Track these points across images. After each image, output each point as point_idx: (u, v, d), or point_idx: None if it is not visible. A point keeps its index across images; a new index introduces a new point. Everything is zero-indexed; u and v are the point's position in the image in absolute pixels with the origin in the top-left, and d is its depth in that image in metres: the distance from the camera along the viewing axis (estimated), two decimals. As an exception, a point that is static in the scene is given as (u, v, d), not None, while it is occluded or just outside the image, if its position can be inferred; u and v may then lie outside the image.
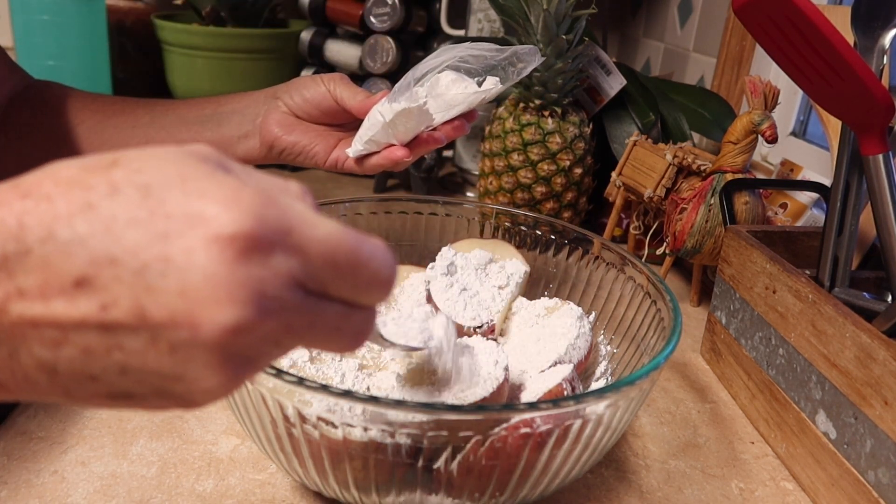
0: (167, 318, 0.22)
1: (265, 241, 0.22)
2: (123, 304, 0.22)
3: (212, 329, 0.22)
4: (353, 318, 0.26)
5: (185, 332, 0.22)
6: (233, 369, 0.23)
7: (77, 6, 1.01)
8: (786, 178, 0.87)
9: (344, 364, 0.49)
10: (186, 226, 0.22)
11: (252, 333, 0.23)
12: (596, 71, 0.93)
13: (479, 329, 0.57)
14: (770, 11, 0.49)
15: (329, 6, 1.16)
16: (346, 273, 0.25)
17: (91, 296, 0.22)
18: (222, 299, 0.22)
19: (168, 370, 0.23)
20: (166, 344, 0.22)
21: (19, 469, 0.48)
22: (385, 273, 0.26)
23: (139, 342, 0.22)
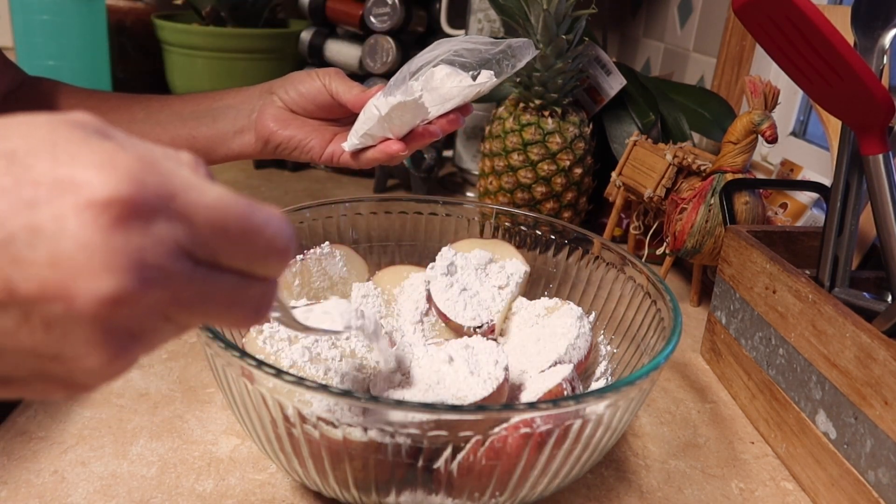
0: (37, 291, 0.20)
1: (144, 206, 0.21)
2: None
3: (87, 300, 0.20)
4: (250, 290, 0.25)
5: (58, 305, 0.20)
6: (116, 346, 0.22)
7: (77, 6, 1.01)
8: (786, 178, 0.87)
9: (344, 364, 0.49)
10: (56, 192, 0.20)
11: (134, 305, 0.21)
12: (596, 71, 0.93)
13: (479, 329, 0.57)
14: (770, 11, 0.49)
15: (329, 6, 1.16)
16: (238, 240, 0.24)
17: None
18: (98, 268, 0.20)
19: (44, 349, 0.21)
20: (39, 320, 0.21)
21: (19, 469, 0.48)
22: (281, 241, 0.25)
23: (9, 320, 0.21)
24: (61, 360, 0.22)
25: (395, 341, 0.57)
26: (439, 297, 0.58)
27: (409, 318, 0.59)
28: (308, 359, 0.48)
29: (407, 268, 0.64)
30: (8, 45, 1.08)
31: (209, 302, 0.24)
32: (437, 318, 0.59)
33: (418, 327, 0.59)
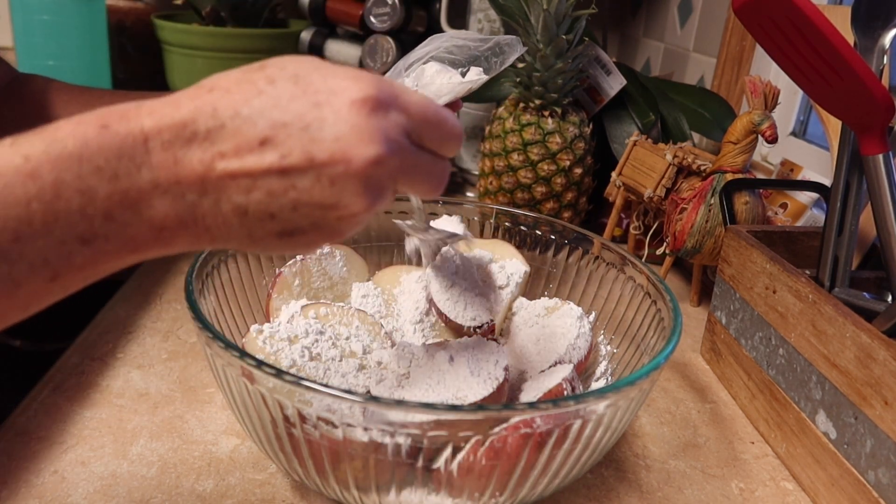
0: (328, 157, 0.30)
1: (384, 101, 0.31)
2: (296, 151, 0.30)
3: (359, 161, 0.30)
4: (438, 164, 0.35)
5: (341, 166, 0.30)
6: (371, 196, 0.31)
7: (77, 6, 1.01)
8: (786, 178, 0.87)
9: (344, 364, 0.49)
10: (331, 96, 0.30)
11: (384, 166, 0.31)
12: (596, 71, 0.93)
13: (479, 329, 0.57)
14: (770, 11, 0.49)
15: (329, 6, 1.16)
16: (434, 127, 0.34)
17: (273, 150, 0.29)
18: (365, 140, 0.30)
19: (327, 200, 0.30)
20: (327, 179, 0.30)
21: (19, 469, 0.48)
22: (457, 129, 0.35)
23: (308, 180, 0.30)
24: (335, 207, 0.31)
25: (395, 341, 0.57)
26: (439, 297, 0.58)
27: (409, 318, 0.59)
28: (308, 359, 0.48)
29: (406, 267, 0.64)
30: (8, 45, 1.08)
31: (418, 170, 0.33)
32: (437, 318, 0.59)
33: (418, 327, 0.59)
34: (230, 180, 0.30)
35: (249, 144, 0.29)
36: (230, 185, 0.30)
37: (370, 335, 0.53)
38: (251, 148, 0.29)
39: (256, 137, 0.29)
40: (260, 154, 0.29)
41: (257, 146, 0.29)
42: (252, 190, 0.30)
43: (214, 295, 0.52)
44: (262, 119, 0.30)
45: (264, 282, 0.60)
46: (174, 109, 0.30)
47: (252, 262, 0.58)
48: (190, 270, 0.48)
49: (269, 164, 0.29)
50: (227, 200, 0.30)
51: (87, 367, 0.60)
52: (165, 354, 0.63)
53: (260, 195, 0.30)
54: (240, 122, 0.29)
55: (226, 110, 0.30)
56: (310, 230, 0.32)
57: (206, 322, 0.42)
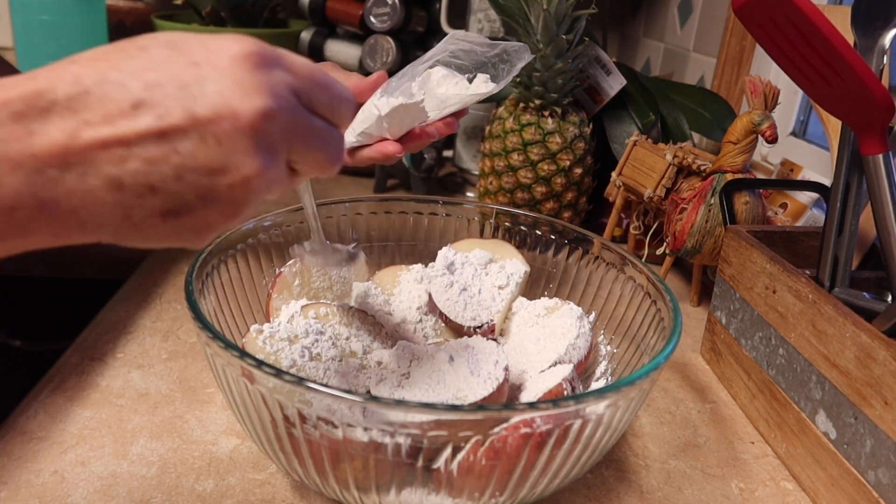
0: (212, 113, 0.27)
1: (268, 58, 0.29)
2: (175, 111, 0.27)
3: (247, 114, 0.28)
4: (332, 132, 0.33)
5: (227, 122, 0.27)
6: (263, 155, 0.29)
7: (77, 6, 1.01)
8: (786, 178, 0.87)
9: (344, 364, 0.49)
10: (209, 54, 0.28)
11: (274, 121, 0.29)
12: (596, 71, 0.93)
13: (479, 329, 0.57)
14: (770, 11, 0.49)
15: (329, 6, 1.16)
16: (322, 89, 0.32)
17: (148, 112, 0.27)
18: (251, 92, 0.28)
19: (215, 163, 0.28)
20: (213, 138, 0.27)
21: (19, 469, 0.48)
22: (346, 92, 0.33)
23: (191, 142, 0.27)
24: (224, 171, 0.28)
25: (395, 341, 0.57)
26: (439, 297, 0.58)
27: (409, 318, 0.59)
28: (308, 359, 0.48)
29: (407, 268, 0.64)
30: (8, 45, 1.08)
31: (312, 134, 0.31)
32: (437, 318, 0.59)
33: (418, 327, 0.59)
34: (100, 150, 0.26)
35: (121, 109, 0.26)
36: (100, 156, 0.26)
37: (370, 335, 0.53)
38: (123, 112, 0.26)
39: (128, 100, 0.26)
40: (133, 118, 0.26)
41: (129, 110, 0.26)
42: (127, 159, 0.27)
43: (214, 295, 0.52)
44: (133, 81, 0.27)
45: (264, 282, 0.60)
46: (28, 80, 0.27)
47: (252, 262, 0.59)
48: (190, 270, 0.48)
49: (145, 127, 0.26)
50: (97, 173, 0.27)
51: (87, 367, 0.60)
52: (165, 354, 0.63)
53: (137, 164, 0.27)
54: (108, 88, 0.27)
55: (90, 76, 0.27)
56: (199, 206, 0.28)
57: (206, 322, 0.42)
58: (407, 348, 0.49)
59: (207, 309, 0.49)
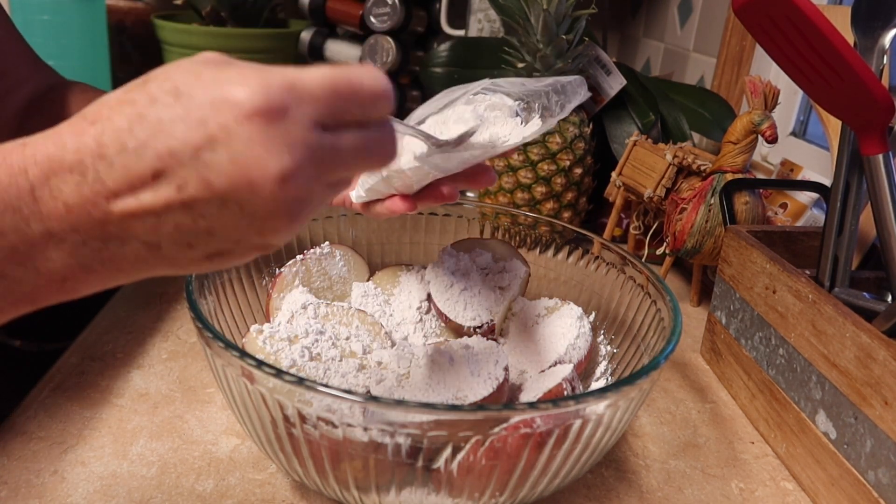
0: (227, 183, 0.27)
1: (278, 102, 0.27)
2: (192, 181, 0.27)
3: (265, 183, 0.27)
4: (372, 136, 0.31)
5: (244, 191, 0.27)
6: (291, 211, 0.28)
7: (77, 6, 1.01)
8: (786, 178, 0.87)
9: (344, 364, 0.49)
10: (216, 111, 0.27)
11: (296, 178, 0.27)
12: (596, 71, 0.93)
13: (479, 329, 0.57)
14: (770, 11, 0.49)
15: (329, 6, 1.16)
16: (350, 98, 0.29)
17: (168, 182, 0.27)
18: (264, 156, 0.27)
19: (243, 224, 0.28)
20: (235, 204, 0.27)
21: (19, 469, 0.48)
22: (378, 84, 0.30)
23: (214, 208, 0.27)
24: (254, 227, 0.28)
25: (395, 341, 0.57)
26: (439, 297, 0.58)
27: (409, 317, 0.59)
28: (308, 359, 0.48)
29: (407, 268, 0.64)
30: (8, 45, 1.08)
31: (345, 155, 0.30)
32: (437, 318, 0.59)
33: (418, 327, 0.59)
34: (132, 220, 0.28)
35: (142, 179, 0.27)
36: (134, 225, 0.28)
37: (370, 335, 0.53)
38: (145, 182, 0.27)
39: (148, 171, 0.27)
40: (155, 189, 0.27)
41: (150, 180, 0.27)
42: (159, 227, 0.28)
43: (214, 295, 0.52)
44: (148, 150, 0.27)
45: (264, 282, 0.60)
46: (58, 150, 0.27)
47: (252, 262, 0.59)
48: (190, 270, 0.48)
49: (166, 198, 0.27)
50: (135, 240, 0.28)
51: (87, 367, 0.60)
52: (165, 354, 0.63)
53: (169, 229, 0.28)
54: (126, 158, 0.27)
55: (111, 145, 0.27)
56: (236, 249, 0.30)
57: (206, 322, 0.42)
58: (407, 348, 0.49)
59: (207, 309, 0.49)
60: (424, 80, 1.01)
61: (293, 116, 0.28)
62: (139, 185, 0.27)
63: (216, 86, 0.27)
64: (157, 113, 0.27)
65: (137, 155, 0.27)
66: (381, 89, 0.30)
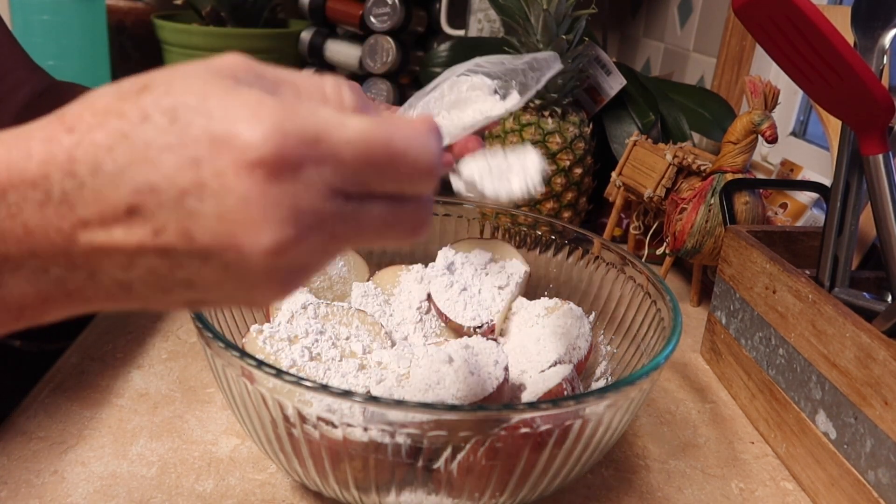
0: (212, 241, 0.23)
1: (292, 157, 0.22)
2: (171, 228, 0.23)
3: (254, 251, 0.23)
4: (403, 211, 0.26)
5: (231, 254, 0.23)
6: (282, 282, 0.24)
7: (77, 6, 1.01)
8: (786, 178, 0.87)
9: (344, 364, 0.49)
10: (214, 150, 0.22)
11: (294, 250, 0.23)
12: (596, 71, 0.93)
13: (479, 329, 0.57)
14: (770, 11, 0.49)
15: (329, 6, 1.16)
16: (386, 167, 0.25)
17: (143, 223, 0.23)
18: (259, 221, 0.22)
19: (227, 283, 0.24)
20: (219, 263, 0.23)
21: (19, 469, 0.48)
22: (424, 162, 0.25)
23: (195, 262, 0.23)
24: (240, 289, 0.24)
25: (395, 341, 0.57)
26: (439, 297, 0.58)
27: (409, 317, 0.59)
28: (308, 359, 0.48)
29: (406, 267, 0.64)
30: (8, 45, 1.08)
31: (364, 230, 0.25)
32: (437, 318, 0.59)
33: (418, 327, 0.59)
34: (101, 255, 0.23)
35: (115, 212, 0.23)
36: (103, 260, 0.24)
37: (370, 335, 0.53)
38: (117, 217, 0.23)
39: (122, 204, 0.23)
40: (128, 226, 0.23)
41: (124, 215, 0.23)
42: (130, 267, 0.24)
43: (214, 295, 0.52)
44: (126, 179, 0.22)
45: (264, 282, 0.60)
46: (23, 158, 0.23)
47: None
48: (190, 270, 0.48)
49: (139, 240, 0.23)
50: (105, 275, 0.24)
51: (87, 367, 0.60)
52: (165, 354, 0.63)
53: (141, 272, 0.24)
54: (101, 182, 0.23)
55: (85, 162, 0.23)
56: (221, 299, 0.26)
57: (206, 322, 0.42)
58: (407, 348, 0.49)
59: (207, 309, 0.49)
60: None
61: (307, 178, 0.23)
62: (110, 218, 0.23)
63: (222, 117, 0.23)
64: (146, 135, 0.23)
65: (113, 182, 0.22)
66: (426, 165, 0.25)
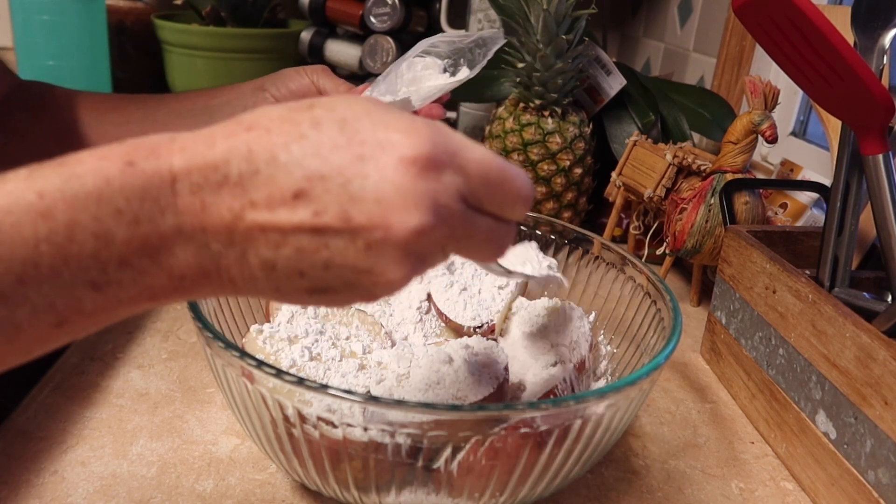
0: (366, 221, 0.27)
1: (438, 161, 0.28)
2: (332, 210, 0.27)
3: (401, 230, 0.27)
4: (499, 230, 0.31)
5: (379, 233, 0.27)
6: (411, 265, 0.28)
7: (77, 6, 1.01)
8: (786, 178, 0.87)
9: (344, 364, 0.49)
10: (378, 150, 0.27)
11: (430, 235, 0.28)
12: (596, 71, 0.93)
13: (479, 329, 0.57)
14: (770, 11, 0.49)
15: (329, 6, 1.16)
16: (497, 189, 0.30)
17: (307, 205, 0.27)
18: (410, 206, 0.27)
19: (362, 265, 0.28)
20: (363, 243, 0.27)
21: (19, 469, 0.48)
22: (525, 190, 0.31)
23: (342, 242, 0.27)
24: (371, 273, 0.28)
25: (395, 341, 0.57)
26: (439, 297, 0.58)
27: (409, 318, 0.59)
28: (308, 359, 0.48)
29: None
30: (8, 45, 1.08)
31: (472, 238, 0.30)
32: (437, 318, 0.59)
33: (418, 327, 0.59)
34: (259, 233, 0.27)
35: (283, 196, 0.27)
36: (259, 238, 0.27)
37: (370, 335, 0.53)
38: (284, 200, 0.27)
39: (291, 189, 0.27)
40: (292, 208, 0.27)
41: (291, 198, 0.27)
42: (281, 245, 0.27)
43: (214, 295, 0.52)
44: (298, 168, 0.27)
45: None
46: (207, 147, 0.27)
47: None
48: (190, 270, 0.48)
49: (300, 220, 0.27)
50: (255, 253, 0.28)
51: (87, 367, 0.60)
52: (165, 354, 0.63)
53: (289, 251, 0.27)
54: (275, 170, 0.27)
55: (262, 154, 0.27)
56: (342, 289, 0.29)
57: (206, 322, 0.42)
58: (407, 348, 0.49)
59: (207, 309, 0.49)
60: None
61: (447, 180, 0.28)
62: (278, 200, 0.27)
63: (384, 127, 0.28)
64: (319, 137, 0.27)
65: (287, 170, 0.27)
66: (526, 193, 0.31)
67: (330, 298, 0.30)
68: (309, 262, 0.28)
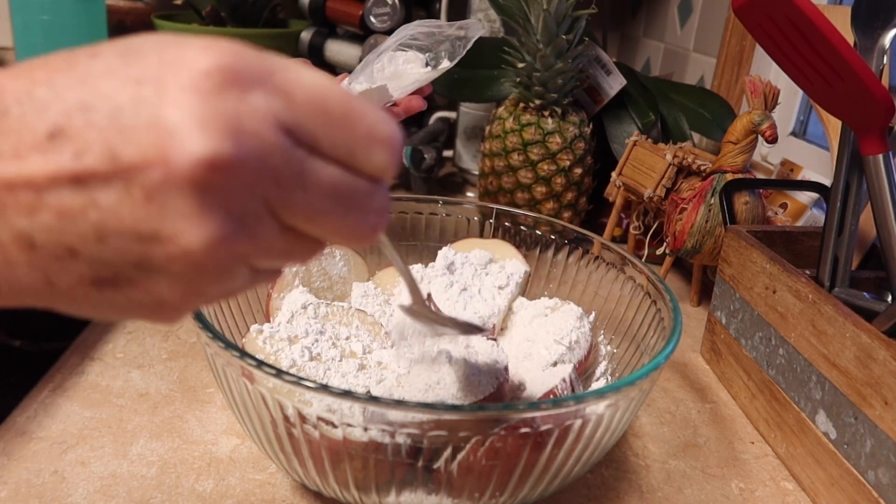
0: (138, 156, 0.20)
1: (243, 75, 0.21)
2: (95, 148, 0.20)
3: (183, 162, 0.20)
4: (356, 187, 0.23)
5: (157, 170, 0.20)
6: (215, 222, 0.21)
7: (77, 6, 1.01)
8: (786, 178, 0.87)
9: (344, 364, 0.49)
10: (164, 68, 0.21)
11: (232, 174, 0.20)
12: (596, 71, 0.93)
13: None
14: (770, 11, 0.49)
15: (329, 6, 1.16)
16: (339, 123, 0.22)
17: (64, 146, 0.20)
18: (194, 128, 0.20)
19: (144, 227, 0.20)
20: (140, 191, 0.20)
21: (19, 469, 0.48)
22: (382, 130, 0.23)
23: (113, 194, 0.20)
24: (158, 240, 0.21)
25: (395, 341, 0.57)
26: (439, 297, 0.58)
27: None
28: (308, 359, 0.48)
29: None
30: (8, 45, 1.08)
31: (310, 189, 0.22)
32: (437, 318, 0.59)
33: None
34: (6, 193, 0.20)
35: (34, 138, 0.20)
36: (6, 201, 0.20)
37: (370, 335, 0.53)
38: (36, 144, 0.20)
39: (44, 128, 0.20)
40: (45, 152, 0.20)
41: (44, 140, 0.20)
42: (37, 209, 0.20)
43: (214, 295, 0.52)
44: (57, 101, 0.20)
45: (264, 282, 0.60)
46: None
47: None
48: (190, 270, 0.48)
49: (56, 166, 0.20)
50: (6, 226, 0.21)
51: (87, 367, 0.60)
52: (165, 354, 0.63)
53: (48, 217, 0.20)
54: (28, 107, 0.20)
55: (15, 91, 0.20)
56: (138, 277, 0.22)
57: (206, 322, 0.42)
58: (407, 348, 0.49)
59: (207, 309, 0.49)
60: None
61: (255, 100, 0.21)
62: (28, 145, 0.20)
63: (178, 46, 0.21)
64: (91, 65, 0.21)
65: (42, 106, 0.20)
66: (384, 133, 0.23)
67: (129, 295, 0.22)
68: (76, 233, 0.21)
